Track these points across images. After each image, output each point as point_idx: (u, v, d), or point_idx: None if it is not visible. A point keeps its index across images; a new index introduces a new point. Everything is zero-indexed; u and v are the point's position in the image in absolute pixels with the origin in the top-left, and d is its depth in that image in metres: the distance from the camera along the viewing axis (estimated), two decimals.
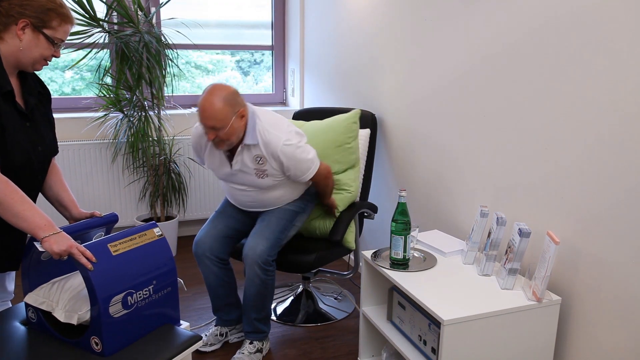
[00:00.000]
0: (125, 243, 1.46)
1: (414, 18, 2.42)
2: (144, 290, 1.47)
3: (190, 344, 1.49)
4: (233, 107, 2.03)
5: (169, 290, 1.55)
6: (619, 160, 1.48)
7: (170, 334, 1.51)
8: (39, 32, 1.44)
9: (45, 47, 1.47)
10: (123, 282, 1.40)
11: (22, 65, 1.48)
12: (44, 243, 1.35)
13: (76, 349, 1.43)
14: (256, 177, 2.15)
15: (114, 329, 1.39)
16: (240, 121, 2.06)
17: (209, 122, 2.01)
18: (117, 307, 1.39)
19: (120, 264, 1.41)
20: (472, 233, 1.90)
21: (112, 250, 1.42)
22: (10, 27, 1.42)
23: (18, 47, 1.43)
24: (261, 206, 2.30)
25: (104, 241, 1.41)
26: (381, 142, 2.79)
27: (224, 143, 2.06)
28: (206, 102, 2.03)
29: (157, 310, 1.52)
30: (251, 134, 2.09)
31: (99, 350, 1.39)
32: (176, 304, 1.59)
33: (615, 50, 1.47)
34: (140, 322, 1.47)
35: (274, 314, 2.65)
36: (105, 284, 1.36)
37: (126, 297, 1.41)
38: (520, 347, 1.64)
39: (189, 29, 3.57)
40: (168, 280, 1.54)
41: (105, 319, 1.36)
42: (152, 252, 1.51)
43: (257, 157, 2.11)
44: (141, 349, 1.43)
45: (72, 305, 1.44)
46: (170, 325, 1.55)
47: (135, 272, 1.44)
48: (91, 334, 1.39)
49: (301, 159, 2.11)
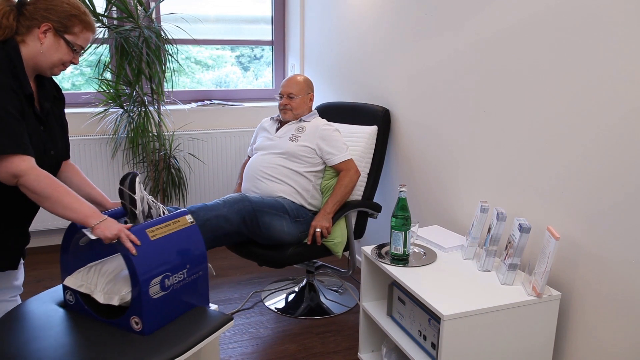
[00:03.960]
0: (161, 229, 1.55)
1: (415, 13, 2.42)
2: (179, 274, 1.55)
3: (222, 323, 1.58)
4: (308, 87, 2.63)
5: (201, 274, 1.64)
6: (620, 156, 1.48)
7: (203, 315, 1.60)
8: (60, 37, 1.47)
9: (65, 52, 1.50)
10: (161, 265, 1.50)
11: (41, 69, 1.51)
12: (96, 230, 1.41)
13: (116, 328, 1.51)
14: (288, 139, 2.48)
15: (153, 309, 1.48)
16: (308, 101, 2.61)
17: (288, 89, 2.57)
18: (156, 289, 1.48)
19: (158, 248, 1.51)
20: (472, 228, 1.90)
21: (150, 235, 1.51)
22: (33, 30, 1.45)
23: (39, 50, 1.46)
24: (266, 175, 2.40)
25: (142, 227, 1.50)
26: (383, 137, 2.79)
27: (291, 112, 2.56)
28: (292, 76, 2.64)
29: (190, 292, 1.61)
30: (309, 115, 2.60)
31: (139, 329, 1.47)
32: (206, 288, 1.68)
33: (618, 45, 1.46)
34: (175, 304, 1.56)
35: (276, 307, 2.66)
36: (145, 266, 1.45)
37: (163, 279, 1.50)
38: (520, 342, 1.64)
39: (189, 24, 3.56)
40: (200, 265, 1.63)
41: (145, 299, 1.45)
42: (185, 238, 1.60)
43: (301, 127, 2.53)
44: (178, 328, 1.52)
45: (111, 288, 1.53)
46: (202, 307, 1.64)
47: (171, 256, 1.54)
48: (131, 314, 1.47)
49: (337, 139, 2.47)
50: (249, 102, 3.81)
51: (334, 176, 2.48)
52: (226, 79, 3.98)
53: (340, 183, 2.40)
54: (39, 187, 1.38)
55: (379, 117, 2.64)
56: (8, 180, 1.37)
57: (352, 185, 2.42)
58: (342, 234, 2.42)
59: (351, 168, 2.43)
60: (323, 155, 2.45)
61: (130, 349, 1.43)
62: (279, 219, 2.28)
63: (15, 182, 1.38)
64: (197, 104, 3.65)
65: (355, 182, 2.44)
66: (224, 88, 3.93)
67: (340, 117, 2.80)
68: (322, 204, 2.46)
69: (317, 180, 2.49)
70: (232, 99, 3.83)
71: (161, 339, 1.47)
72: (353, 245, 2.51)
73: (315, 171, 2.46)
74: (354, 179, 2.42)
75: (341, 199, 2.38)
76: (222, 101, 3.75)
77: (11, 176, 1.37)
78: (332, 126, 2.50)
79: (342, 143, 2.46)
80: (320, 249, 2.39)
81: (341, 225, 2.42)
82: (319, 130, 2.46)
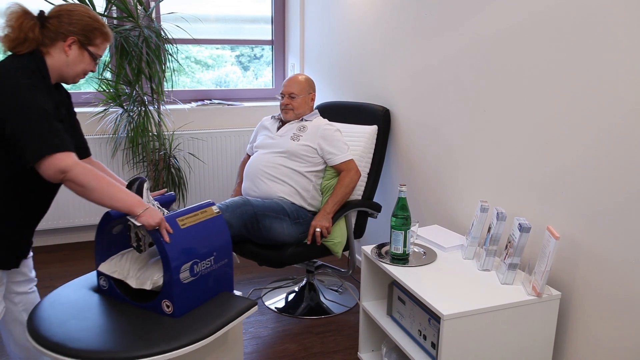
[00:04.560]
0: (190, 218, 1.65)
1: (415, 13, 2.42)
2: (206, 260, 1.65)
3: (248, 307, 1.68)
4: (310, 86, 2.61)
5: (226, 261, 1.74)
6: (620, 156, 1.48)
7: (230, 300, 1.70)
8: (85, 49, 1.57)
9: (88, 62, 1.60)
10: (190, 252, 1.59)
11: (64, 79, 1.60)
12: (141, 218, 1.50)
13: (148, 311, 1.61)
14: (290, 138, 2.47)
15: (183, 293, 1.58)
16: (309, 101, 2.60)
17: (289, 89, 2.55)
18: (186, 274, 1.58)
19: (188, 236, 1.60)
20: (472, 228, 1.90)
21: (180, 224, 1.60)
22: (57, 42, 1.53)
23: (64, 61, 1.55)
24: (267, 175, 2.39)
25: (173, 216, 1.60)
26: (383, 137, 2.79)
27: (292, 112, 2.55)
28: (293, 76, 2.62)
29: (217, 278, 1.71)
30: (310, 115, 2.59)
31: (170, 312, 1.57)
32: (231, 274, 1.78)
33: (618, 44, 1.46)
34: (203, 288, 1.66)
35: (276, 307, 2.66)
36: (176, 253, 1.55)
37: (192, 265, 1.59)
38: (520, 341, 1.64)
39: (189, 23, 3.56)
40: (225, 253, 1.73)
41: (176, 284, 1.55)
42: (212, 227, 1.70)
43: (302, 126, 2.51)
44: (206, 311, 1.62)
45: (144, 273, 1.63)
46: (228, 293, 1.74)
47: (199, 244, 1.63)
48: (163, 298, 1.57)
49: (338, 139, 2.46)
50: (248, 101, 3.81)
51: (335, 176, 2.48)
52: (226, 79, 3.98)
53: (341, 183, 2.40)
54: (85, 180, 1.45)
55: (379, 117, 2.64)
56: (54, 177, 1.43)
57: (353, 185, 2.42)
58: (342, 234, 2.42)
59: (352, 168, 2.43)
60: (324, 155, 2.45)
61: (163, 330, 1.52)
62: (279, 221, 2.28)
63: (61, 178, 1.44)
64: (197, 103, 3.65)
65: (356, 183, 2.44)
66: (224, 88, 3.93)
67: (340, 117, 2.80)
68: (322, 204, 2.46)
69: (318, 180, 2.49)
70: (232, 99, 3.83)
71: (191, 321, 1.56)
72: (353, 245, 2.50)
73: (316, 171, 2.46)
74: (354, 179, 2.42)
75: (341, 199, 2.38)
76: (222, 101, 3.75)
77: (59, 172, 1.42)
78: (333, 126, 2.50)
79: (343, 143, 2.46)
80: (320, 249, 2.39)
81: (341, 225, 2.42)
82: (320, 130, 2.46)
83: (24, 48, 1.50)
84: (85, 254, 3.32)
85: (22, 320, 1.79)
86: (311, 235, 2.31)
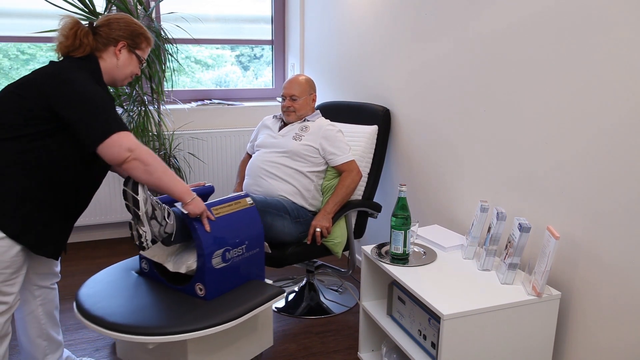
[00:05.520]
0: (224, 208, 1.77)
1: (415, 13, 2.42)
2: (238, 249, 1.77)
3: (276, 294, 1.80)
4: (311, 87, 2.61)
5: (257, 251, 1.85)
6: (620, 155, 1.48)
7: (259, 286, 1.82)
8: (133, 52, 1.73)
9: (136, 65, 1.76)
10: (223, 240, 1.72)
11: (115, 81, 1.74)
12: (188, 206, 1.65)
13: (182, 293, 1.75)
14: (292, 138, 2.47)
15: (215, 278, 1.70)
16: (311, 102, 2.60)
17: (290, 91, 2.55)
18: (218, 260, 1.70)
19: (221, 225, 1.72)
20: (472, 228, 1.90)
21: (214, 213, 1.72)
22: (108, 47, 1.69)
23: (115, 64, 1.70)
24: (269, 174, 2.40)
25: (208, 205, 1.71)
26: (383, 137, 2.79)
27: (294, 114, 2.54)
28: (293, 77, 2.61)
29: (248, 266, 1.83)
30: (312, 115, 2.59)
31: (202, 295, 1.71)
32: (262, 263, 1.90)
33: (618, 44, 1.46)
34: (235, 275, 1.78)
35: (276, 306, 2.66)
36: (209, 240, 1.67)
37: (225, 252, 1.72)
38: (520, 341, 1.64)
39: (189, 23, 3.56)
40: (257, 242, 1.85)
41: (208, 269, 1.67)
42: (244, 218, 1.82)
43: (305, 126, 2.51)
44: (236, 296, 1.74)
45: (180, 258, 1.77)
46: (258, 280, 1.86)
47: (231, 232, 1.75)
48: (196, 281, 1.71)
49: (340, 140, 2.46)
50: (248, 101, 3.81)
51: (336, 176, 2.48)
52: (226, 79, 3.98)
53: (342, 184, 2.40)
54: (150, 159, 1.58)
55: (380, 117, 2.64)
56: (119, 155, 1.53)
57: (354, 186, 2.42)
58: (342, 234, 2.42)
59: (353, 169, 2.44)
60: (326, 156, 2.45)
61: (196, 311, 1.63)
62: (280, 219, 2.28)
63: (126, 157, 1.54)
64: (197, 103, 3.65)
65: (357, 183, 2.44)
66: (224, 87, 3.93)
67: (340, 117, 2.80)
68: (323, 204, 2.46)
69: (319, 181, 2.49)
70: (232, 99, 3.83)
71: (221, 303, 1.68)
72: (353, 244, 2.50)
73: (318, 171, 2.46)
74: (355, 180, 2.42)
75: (342, 199, 2.38)
76: (222, 101, 3.75)
77: (126, 150, 1.53)
78: (335, 127, 2.51)
79: (345, 144, 2.47)
80: (320, 249, 2.39)
81: (341, 225, 2.42)
82: (322, 130, 2.46)
83: (79, 52, 1.64)
84: (85, 254, 3.32)
85: (37, 315, 1.81)
86: (311, 235, 2.31)
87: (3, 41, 3.27)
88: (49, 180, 1.57)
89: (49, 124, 1.53)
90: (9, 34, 3.25)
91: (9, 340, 1.65)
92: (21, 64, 3.40)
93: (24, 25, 3.24)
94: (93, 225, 3.50)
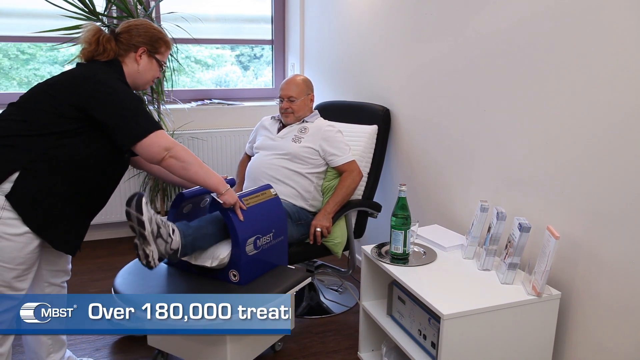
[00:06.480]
0: (253, 198, 1.87)
1: (415, 12, 2.42)
2: (266, 236, 1.87)
3: (303, 278, 1.91)
4: (308, 87, 2.58)
5: (282, 238, 1.97)
6: (620, 156, 1.48)
7: (287, 271, 1.94)
8: (153, 57, 1.77)
9: (156, 69, 1.80)
10: (254, 228, 1.82)
11: (137, 85, 1.79)
12: (223, 196, 1.75)
13: (216, 280, 1.84)
14: (291, 140, 2.46)
15: (247, 264, 1.80)
16: (309, 102, 2.57)
17: (288, 92, 2.52)
18: (250, 247, 1.80)
19: (252, 214, 1.82)
20: (472, 228, 1.90)
21: (245, 203, 1.82)
22: (129, 53, 1.74)
23: (136, 69, 1.75)
24: (269, 177, 2.40)
25: (239, 196, 1.80)
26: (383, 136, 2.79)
27: (293, 115, 2.52)
28: (290, 78, 2.60)
29: (275, 253, 1.93)
30: (311, 116, 2.57)
31: (236, 281, 1.81)
32: (286, 250, 2.01)
33: (618, 44, 1.46)
34: (264, 261, 1.88)
35: None
36: (243, 228, 1.77)
37: (256, 240, 1.82)
38: (519, 341, 1.64)
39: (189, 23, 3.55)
40: (282, 230, 1.96)
41: (243, 255, 1.77)
42: (271, 207, 1.93)
43: (303, 128, 2.50)
44: (268, 280, 1.84)
45: (201, 253, 1.83)
46: (284, 266, 1.99)
47: (261, 221, 1.85)
48: (230, 268, 1.80)
49: (340, 140, 2.46)
50: (248, 101, 3.81)
51: (336, 177, 2.47)
52: (226, 78, 3.98)
53: (343, 184, 2.40)
54: (187, 157, 1.66)
55: (379, 117, 2.64)
56: (156, 154, 1.60)
57: (354, 186, 2.42)
58: (342, 234, 2.42)
59: (354, 169, 2.43)
60: (326, 157, 2.45)
61: (237, 293, 1.71)
62: None
63: (163, 156, 1.61)
64: (197, 103, 3.65)
65: (358, 184, 2.44)
66: (224, 87, 3.93)
67: (340, 117, 2.80)
68: (323, 204, 2.46)
69: (319, 182, 2.49)
70: (232, 98, 3.83)
71: (256, 287, 1.78)
72: (353, 244, 2.50)
73: (318, 172, 2.46)
74: (356, 180, 2.42)
75: (342, 199, 2.38)
76: (222, 100, 3.75)
77: (163, 149, 1.61)
78: (334, 127, 2.50)
79: (344, 144, 2.46)
80: (320, 249, 2.39)
81: (341, 225, 2.42)
82: (321, 132, 2.46)
83: (104, 57, 1.69)
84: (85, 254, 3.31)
85: None
86: (312, 235, 2.31)
87: (3, 41, 3.27)
88: (73, 177, 1.60)
89: (77, 123, 1.58)
90: (9, 34, 3.25)
91: (13, 337, 1.65)
92: (21, 64, 3.40)
93: (24, 25, 3.24)
94: (93, 225, 3.46)
